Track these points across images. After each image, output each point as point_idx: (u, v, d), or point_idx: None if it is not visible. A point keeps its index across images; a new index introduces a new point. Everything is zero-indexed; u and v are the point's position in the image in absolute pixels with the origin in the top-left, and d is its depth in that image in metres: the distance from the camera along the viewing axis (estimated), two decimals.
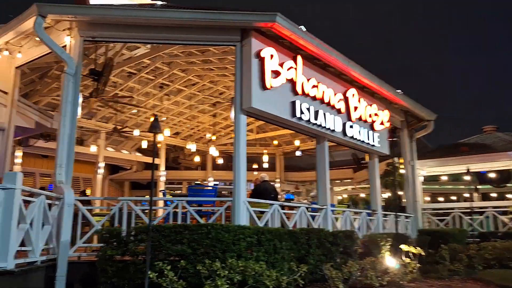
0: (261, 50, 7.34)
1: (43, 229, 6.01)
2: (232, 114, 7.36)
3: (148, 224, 5.43)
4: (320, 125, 8.72)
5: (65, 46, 7.20)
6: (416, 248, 8.82)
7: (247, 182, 7.08)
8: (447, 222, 14.30)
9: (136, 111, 15.45)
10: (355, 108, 10.04)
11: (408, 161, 13.82)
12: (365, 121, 10.50)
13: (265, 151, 17.60)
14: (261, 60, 7.34)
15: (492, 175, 16.59)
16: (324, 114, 8.87)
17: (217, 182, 21.29)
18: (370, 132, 10.63)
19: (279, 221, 7.83)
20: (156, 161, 18.40)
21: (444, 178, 19.38)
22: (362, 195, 24.28)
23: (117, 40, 7.65)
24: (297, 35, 7.60)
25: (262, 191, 9.63)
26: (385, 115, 11.37)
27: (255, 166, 18.10)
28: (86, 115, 15.18)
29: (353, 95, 9.97)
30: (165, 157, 20.29)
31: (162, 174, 18.04)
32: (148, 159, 18.52)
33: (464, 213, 14.04)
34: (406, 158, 13.82)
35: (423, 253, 8.78)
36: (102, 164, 15.62)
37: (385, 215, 11.84)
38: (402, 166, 13.97)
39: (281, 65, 7.76)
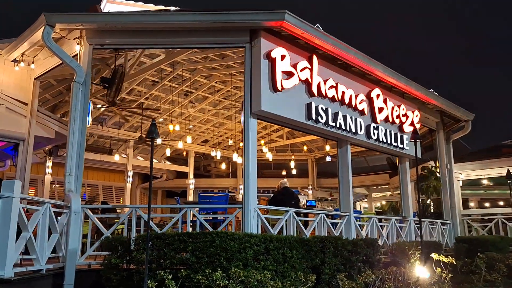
0: (271, 50, 7.06)
1: (51, 238, 5.98)
2: (242, 118, 7.10)
3: (147, 233, 5.26)
4: (340, 128, 8.30)
5: (77, 55, 7.24)
6: (447, 257, 8.18)
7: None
8: (490, 229, 13.35)
9: (162, 119, 15.53)
10: (381, 109, 9.53)
11: (445, 165, 13.03)
12: (393, 123, 9.96)
13: (293, 157, 17.19)
14: (272, 61, 7.06)
15: None
16: (344, 116, 8.44)
17: None
18: (399, 134, 10.07)
19: (295, 229, 7.47)
20: (185, 169, 18.47)
21: (488, 182, 18.20)
22: None
23: (126, 47, 7.63)
24: (310, 34, 7.27)
25: (282, 198, 9.30)
26: (415, 116, 10.77)
27: (284, 172, 17.69)
28: (115, 125, 15.45)
29: (378, 95, 9.47)
30: (196, 165, 20.42)
31: (191, 183, 18.03)
32: (178, 168, 18.58)
33: (508, 219, 13.06)
34: (443, 161, 13.04)
35: (454, 262, 8.11)
36: (130, 173, 15.77)
37: (418, 222, 11.18)
38: (438, 170, 13.23)
39: (294, 65, 7.45)
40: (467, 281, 8.55)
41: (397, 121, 10.02)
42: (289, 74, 7.34)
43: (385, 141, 9.50)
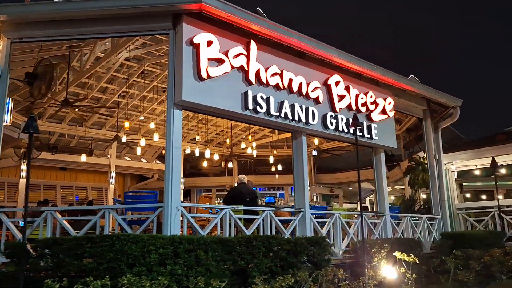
0: (194, 36, 6.50)
1: None
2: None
3: (23, 238, 4.81)
4: (286, 117, 7.66)
5: None
6: (409, 256, 7.44)
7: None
8: (486, 223, 12.38)
9: (143, 117, 15.19)
10: (341, 96, 8.83)
11: (433, 155, 12.14)
12: (358, 111, 9.23)
13: (275, 152, 16.53)
14: (196, 47, 6.51)
15: None
16: (292, 105, 7.79)
17: None
18: (366, 123, 9.32)
19: (233, 228, 6.89)
20: None
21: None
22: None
23: (46, 39, 7.19)
24: (237, 16, 6.69)
25: (236, 194, 8.77)
26: (388, 103, 9.99)
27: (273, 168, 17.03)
28: (95, 125, 15.19)
29: (338, 82, 8.77)
30: (194, 164, 20.04)
31: (181, 181, 17.61)
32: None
33: (505, 212, 12.09)
34: (431, 151, 12.16)
35: (417, 261, 7.36)
36: (113, 174, 15.47)
37: (399, 218, 10.43)
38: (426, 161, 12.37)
39: (225, 52, 6.86)
40: (436, 281, 7.78)
41: (363, 109, 9.28)
42: (219, 61, 6.76)
43: (346, 130, 8.78)
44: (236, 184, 9.06)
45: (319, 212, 8.68)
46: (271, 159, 15.90)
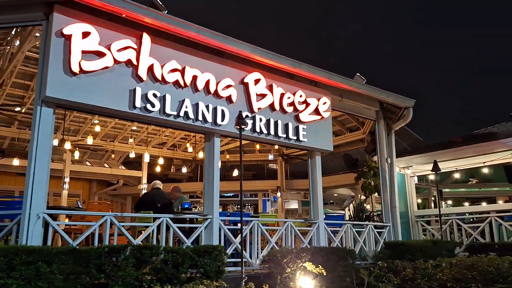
0: (65, 26, 5.99)
1: None
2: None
3: None
4: (188, 118, 7.10)
5: None
6: (317, 267, 6.80)
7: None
8: (444, 231, 11.64)
9: (98, 121, 14.72)
10: (262, 95, 8.26)
11: (385, 159, 11.46)
12: (284, 112, 8.64)
13: (227, 156, 15.94)
14: (68, 39, 6.00)
15: None
16: (196, 105, 7.23)
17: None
18: (292, 125, 8.71)
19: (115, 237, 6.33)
20: (138, 173, 17.59)
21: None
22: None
23: None
24: (113, 5, 6.17)
25: (147, 200, 8.22)
26: (322, 103, 9.36)
27: (233, 174, 16.45)
28: None
29: (257, 80, 8.19)
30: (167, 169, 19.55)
31: (143, 188, 17.11)
32: (130, 172, 17.73)
33: (461, 220, 11.38)
34: (382, 155, 11.48)
35: (324, 273, 6.72)
36: (67, 179, 14.99)
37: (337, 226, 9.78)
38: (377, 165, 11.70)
39: (108, 45, 6.34)
40: None
41: (289, 109, 8.67)
42: (99, 55, 6.25)
43: (266, 132, 8.19)
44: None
45: (231, 219, 8.09)
46: (224, 163, 15.30)
